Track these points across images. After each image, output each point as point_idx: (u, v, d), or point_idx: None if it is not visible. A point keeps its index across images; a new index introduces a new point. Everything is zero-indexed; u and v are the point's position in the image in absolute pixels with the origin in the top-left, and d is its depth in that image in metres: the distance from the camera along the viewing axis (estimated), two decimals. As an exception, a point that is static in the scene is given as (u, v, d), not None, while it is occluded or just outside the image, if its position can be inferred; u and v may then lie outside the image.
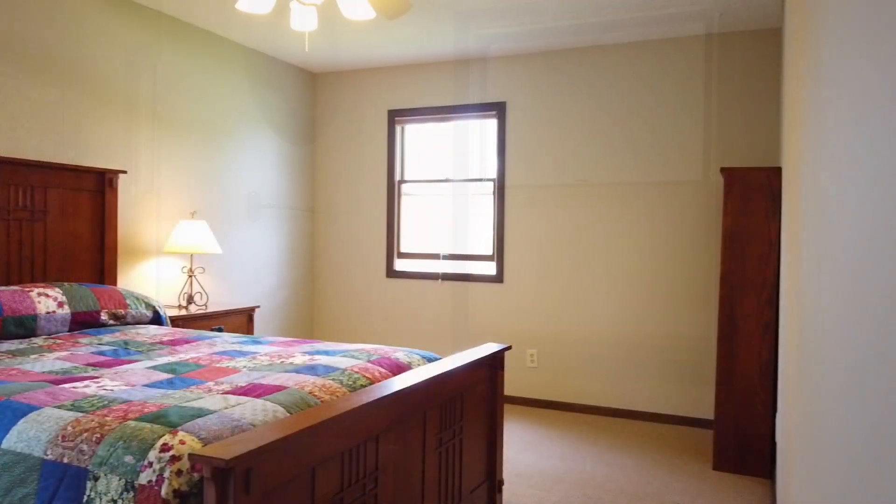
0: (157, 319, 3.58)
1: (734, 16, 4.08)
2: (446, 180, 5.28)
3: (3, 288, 2.97)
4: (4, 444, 1.76)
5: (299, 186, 5.50)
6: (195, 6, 4.06)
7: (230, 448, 1.47)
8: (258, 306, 4.42)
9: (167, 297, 4.26)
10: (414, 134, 5.45)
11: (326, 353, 2.73)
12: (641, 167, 4.63)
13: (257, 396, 2.02)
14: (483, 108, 5.08)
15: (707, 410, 4.46)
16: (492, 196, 5.10)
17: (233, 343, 2.99)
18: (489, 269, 5.11)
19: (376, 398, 1.96)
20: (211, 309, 4.11)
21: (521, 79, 4.96)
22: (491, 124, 5.13)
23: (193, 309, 4.06)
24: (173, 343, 2.95)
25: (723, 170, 3.69)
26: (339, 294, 5.58)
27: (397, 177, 5.43)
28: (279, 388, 2.11)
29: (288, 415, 1.93)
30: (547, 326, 4.88)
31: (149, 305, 3.54)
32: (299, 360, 2.57)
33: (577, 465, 3.66)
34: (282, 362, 2.53)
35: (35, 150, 3.46)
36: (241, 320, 4.27)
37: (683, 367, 4.52)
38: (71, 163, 3.61)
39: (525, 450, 3.92)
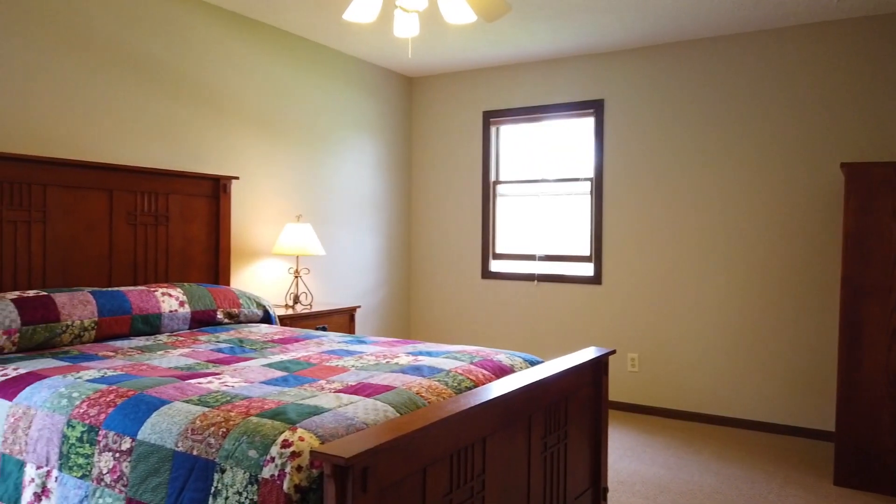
0: (266, 318, 3.75)
1: (852, 1, 3.80)
2: (542, 180, 5.23)
3: (131, 288, 3.20)
4: (140, 436, 1.89)
5: (396, 188, 5.61)
6: (299, 18, 4.22)
7: (349, 446, 1.51)
8: (359, 306, 4.55)
9: (275, 297, 4.45)
10: (509, 134, 5.44)
11: (429, 353, 2.77)
12: (752, 164, 4.41)
13: (368, 396, 2.07)
14: (580, 107, 5.00)
15: (825, 421, 4.18)
16: (589, 196, 5.01)
17: (339, 342, 3.08)
18: (586, 270, 5.01)
19: (484, 401, 1.96)
20: (315, 308, 4.25)
21: (619, 75, 4.83)
22: (588, 122, 5.04)
23: (299, 308, 4.22)
24: (284, 342, 3.07)
25: (843, 165, 3.45)
26: (435, 294, 5.64)
27: (492, 177, 5.43)
28: (388, 388, 2.16)
29: (398, 414, 1.96)
30: (648, 329, 4.74)
31: (259, 305, 3.71)
32: (404, 360, 2.62)
33: (682, 475, 3.53)
34: (387, 362, 2.59)
35: (158, 160, 3.71)
36: (343, 319, 4.40)
37: (799, 375, 4.26)
38: (189, 170, 3.84)
39: (627, 457, 3.82)
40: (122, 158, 3.54)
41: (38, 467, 2.04)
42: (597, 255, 4.93)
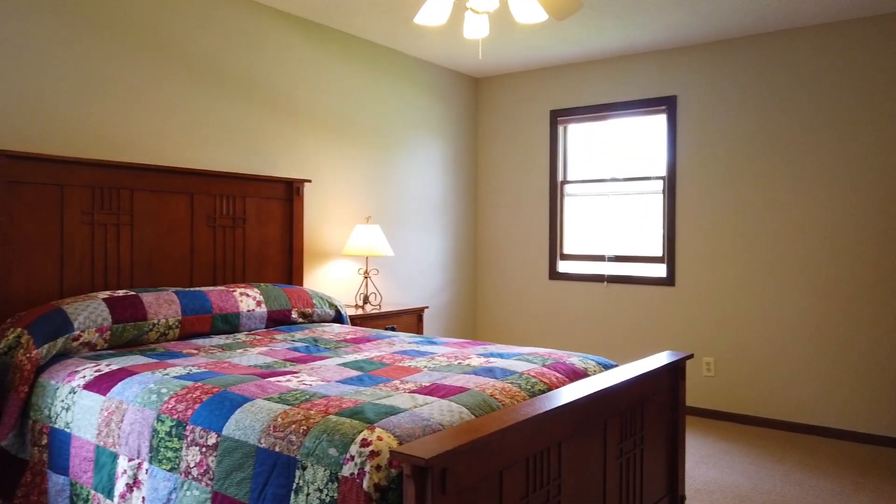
0: (338, 318, 3.82)
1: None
2: (611, 179, 5.13)
3: (211, 288, 3.32)
4: (225, 432, 1.96)
5: (463, 189, 5.62)
6: (369, 22, 4.28)
7: (428, 447, 1.52)
8: (427, 307, 4.57)
9: (344, 297, 4.53)
10: (577, 133, 5.36)
11: (501, 355, 2.75)
12: (838, 159, 4.19)
13: (442, 397, 2.08)
14: (651, 104, 4.88)
15: (919, 432, 3.94)
16: (661, 195, 4.88)
17: (409, 343, 3.11)
18: (658, 271, 4.89)
19: (561, 404, 1.94)
20: (384, 309, 4.31)
21: (693, 70, 4.69)
22: (659, 120, 4.91)
23: (369, 308, 4.28)
24: (356, 341, 3.12)
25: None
26: (502, 295, 5.62)
27: (560, 177, 5.36)
28: (461, 390, 2.16)
29: (472, 416, 1.96)
30: (725, 332, 4.58)
31: (331, 305, 3.78)
32: (475, 361, 2.62)
33: (763, 484, 3.39)
34: (459, 363, 2.59)
35: (235, 164, 3.84)
36: (411, 320, 4.43)
37: (892, 382, 4.03)
38: (264, 174, 3.95)
39: (703, 464, 3.70)
40: (202, 163, 3.68)
41: (130, 459, 2.14)
42: (669, 256, 4.80)
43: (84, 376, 2.44)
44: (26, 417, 2.51)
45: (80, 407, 2.34)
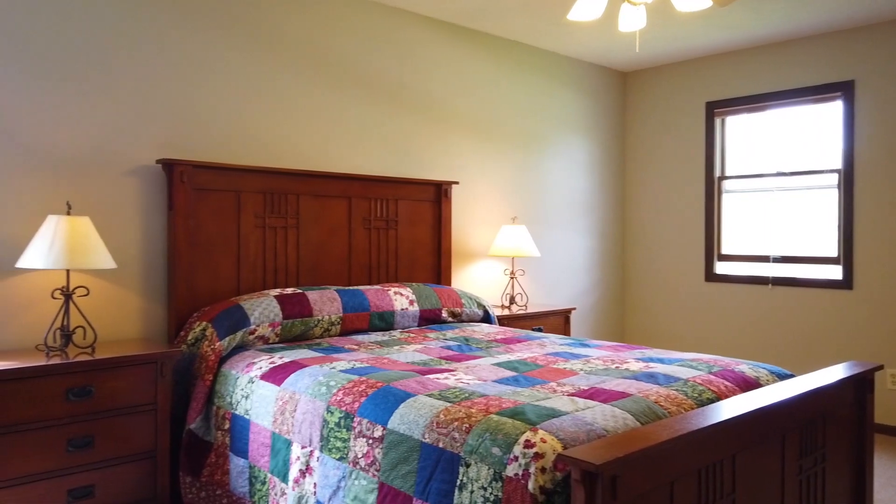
0: (486, 318, 3.85)
1: None
2: (776, 174, 4.75)
3: (368, 287, 3.47)
4: (390, 425, 2.03)
5: (610, 188, 5.46)
6: (515, 23, 4.27)
7: (598, 453, 1.48)
8: (574, 308, 4.49)
9: (490, 297, 4.56)
10: (735, 126, 5.02)
11: (661, 360, 2.63)
12: None
13: (603, 401, 2.02)
14: (822, 91, 4.46)
15: None
16: (836, 190, 4.45)
17: (561, 344, 3.06)
18: (833, 273, 4.45)
19: (737, 415, 1.81)
20: (530, 310, 4.28)
21: (875, 51, 4.23)
22: (831, 108, 4.48)
23: (515, 309, 4.27)
24: (506, 342, 3.12)
25: None
26: (652, 297, 5.39)
27: (717, 173, 5.05)
28: (623, 395, 2.09)
29: (638, 423, 1.89)
30: (914, 343, 4.08)
31: (480, 305, 3.82)
32: (634, 366, 2.52)
33: (968, 516, 2.98)
34: (617, 367, 2.51)
35: (388, 168, 3.99)
36: (558, 321, 4.37)
37: None
38: (415, 177, 4.07)
39: (891, 486, 3.32)
40: (358, 168, 3.85)
41: (303, 447, 2.28)
42: (846, 257, 4.36)
43: (260, 367, 2.63)
44: (211, 404, 2.76)
45: (257, 396, 2.53)
